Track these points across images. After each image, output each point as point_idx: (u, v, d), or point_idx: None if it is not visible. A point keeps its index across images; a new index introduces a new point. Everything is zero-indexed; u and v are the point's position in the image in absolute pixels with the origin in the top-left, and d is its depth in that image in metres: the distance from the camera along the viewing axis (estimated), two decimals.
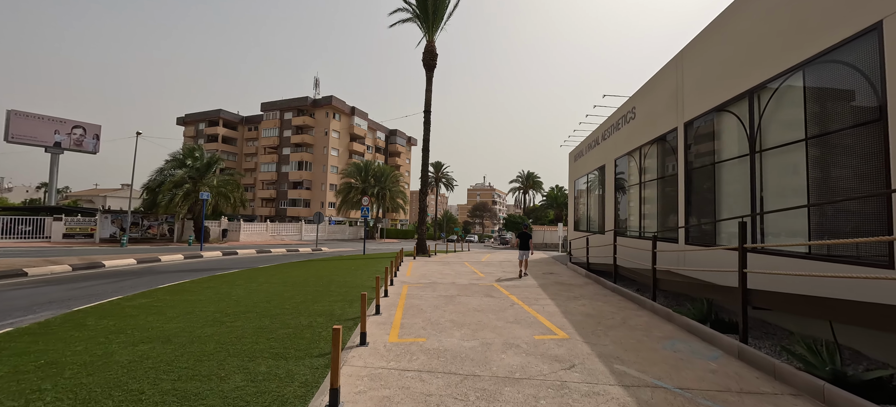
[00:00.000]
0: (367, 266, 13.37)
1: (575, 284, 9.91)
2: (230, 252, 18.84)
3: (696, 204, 7.89)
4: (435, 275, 11.26)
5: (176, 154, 26.19)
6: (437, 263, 14.94)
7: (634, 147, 10.99)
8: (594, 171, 15.31)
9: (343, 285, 8.88)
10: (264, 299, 7.09)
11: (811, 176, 4.92)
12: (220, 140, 65.45)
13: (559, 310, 6.69)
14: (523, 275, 11.59)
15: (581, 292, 8.57)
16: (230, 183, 28.17)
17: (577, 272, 12.12)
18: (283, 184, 60.46)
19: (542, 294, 8.28)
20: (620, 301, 7.59)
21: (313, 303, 6.86)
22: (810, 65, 5.04)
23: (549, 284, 9.83)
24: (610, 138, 13.51)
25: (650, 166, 10.20)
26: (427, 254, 19.57)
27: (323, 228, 43.09)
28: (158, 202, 24.56)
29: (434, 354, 4.30)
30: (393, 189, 49.48)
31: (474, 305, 7.03)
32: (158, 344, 4.47)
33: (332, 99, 58.03)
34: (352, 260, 16.16)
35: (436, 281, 10.01)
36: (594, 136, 15.51)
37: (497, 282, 10.01)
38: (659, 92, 9.62)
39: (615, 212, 12.69)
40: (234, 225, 31.11)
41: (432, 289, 8.71)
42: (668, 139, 9.00)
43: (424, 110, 20.36)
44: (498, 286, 9.23)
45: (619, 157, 12.39)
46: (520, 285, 9.48)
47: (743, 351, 4.18)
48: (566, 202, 62.46)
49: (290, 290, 8.17)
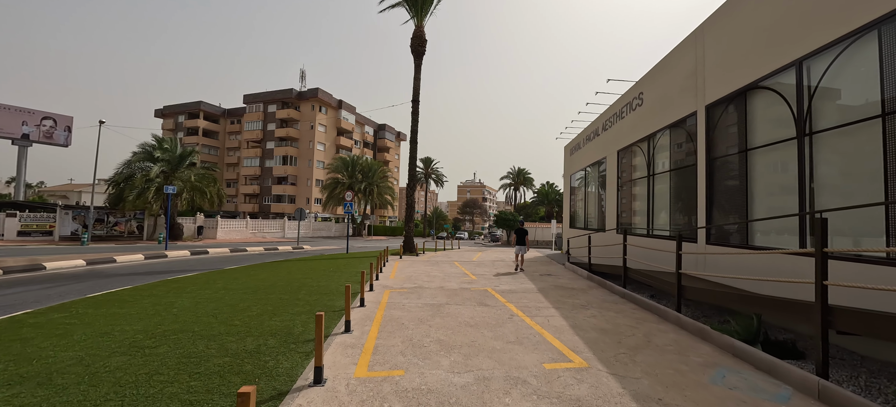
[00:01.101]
0: (347, 267, 12.14)
1: (577, 287, 8.87)
2: (200, 251, 17.35)
3: (721, 198, 6.88)
4: (421, 277, 10.11)
5: (145, 145, 24.35)
6: (424, 263, 13.79)
7: (642, 136, 9.98)
8: (593, 165, 14.31)
9: (314, 291, 7.65)
10: (211, 312, 5.84)
11: (894, 161, 3.90)
12: (201, 133, 62.90)
13: (567, 323, 5.60)
14: (519, 270, 12.12)
15: (587, 299, 7.52)
16: (206, 177, 26.46)
17: (578, 274, 11.11)
18: (267, 179, 58.40)
19: (543, 301, 7.20)
20: (636, 311, 6.55)
21: (271, 317, 5.63)
22: (889, 22, 4.01)
23: (548, 288, 8.77)
24: (612, 129, 12.50)
25: (661, 157, 9.20)
26: (415, 252, 18.40)
27: (307, 225, 41.51)
28: (125, 197, 22.79)
29: (413, 399, 3.15)
30: (381, 185, 48.04)
31: (466, 316, 5.90)
32: (30, 387, 3.21)
33: (318, 91, 56.13)
34: (332, 260, 14.89)
35: (422, 285, 8.86)
36: (593, 127, 14.50)
37: (491, 286, 8.90)
38: (673, 73, 8.60)
39: (618, 208, 11.70)
40: (211, 222, 29.38)
41: (417, 295, 7.56)
42: (686, 125, 7.99)
43: (412, 100, 19.12)
44: (493, 292, 8.12)
45: (623, 149, 11.39)
46: (517, 290, 8.39)
47: (826, 391, 3.13)
48: (557, 199, 61.93)
49: (249, 298, 6.92)
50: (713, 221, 6.97)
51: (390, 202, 50.66)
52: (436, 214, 72.11)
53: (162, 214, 25.69)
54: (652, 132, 9.45)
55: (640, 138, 10.10)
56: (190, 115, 63.77)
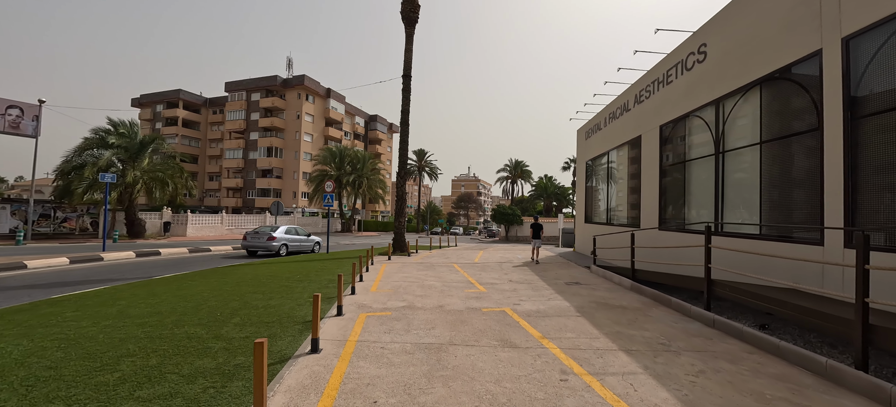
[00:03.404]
0: (320, 273, 9.60)
1: (628, 305, 6.44)
2: (150, 252, 14.62)
3: (875, 179, 4.48)
4: (413, 288, 7.62)
5: (98, 130, 21.35)
6: (417, 266, 11.29)
7: (705, 102, 7.55)
8: (621, 146, 11.88)
9: (250, 321, 5.12)
10: (43, 370, 3.27)
11: None
12: (181, 123, 59.38)
13: (671, 396, 3.15)
14: (536, 262, 12.50)
15: (660, 330, 5.08)
16: (171, 167, 23.53)
17: (615, 282, 8.71)
18: (250, 172, 55.24)
19: (596, 335, 4.76)
20: (758, 358, 4.12)
21: (143, 384, 3.09)
22: None
23: (589, 306, 6.33)
24: (650, 100, 10.06)
25: (740, 127, 6.77)
26: (406, 251, 15.88)
27: (292, 221, 38.72)
28: (73, 190, 19.88)
29: None
30: (371, 177, 45.32)
31: (487, 376, 3.42)
32: None
33: (305, 78, 52.93)
34: (305, 262, 12.31)
35: (412, 303, 6.37)
36: (621, 101, 12.05)
37: (510, 305, 6.43)
38: (767, 5, 6.14)
39: (662, 199, 9.30)
40: (180, 217, 26.50)
41: (405, 325, 5.07)
42: (792, 75, 5.55)
43: (403, 74, 16.49)
44: (516, 316, 5.65)
45: (670, 122, 8.96)
46: (548, 311, 5.94)
47: None
48: (556, 192, 59.81)
49: (135, 340, 4.35)
50: (858, 212, 4.56)
51: (382, 196, 48.02)
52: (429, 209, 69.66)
53: (121, 208, 22.79)
54: (723, 94, 7.01)
55: (702, 105, 7.67)
56: (169, 105, 60.13)
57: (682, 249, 7.28)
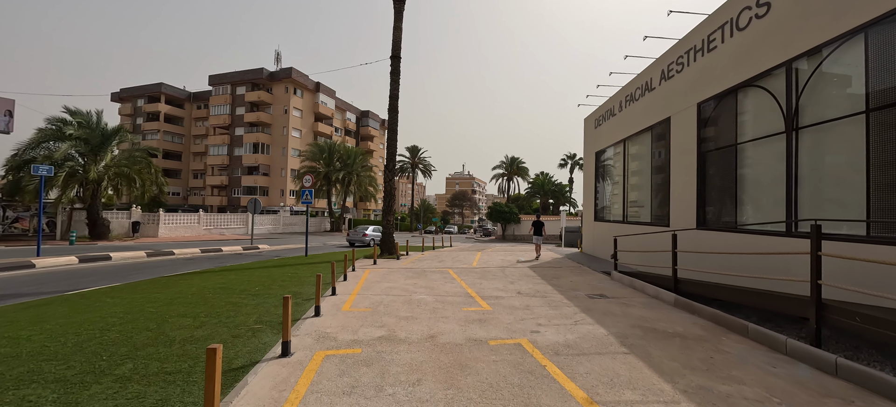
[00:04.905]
0: (288, 282, 7.84)
1: (690, 333, 4.79)
2: (99, 257, 12.70)
3: None
4: (397, 305, 5.91)
5: (54, 120, 19.23)
6: (405, 273, 9.57)
7: (772, 65, 5.91)
8: (643, 132, 10.26)
9: (142, 374, 3.39)
10: None
11: None
12: (163, 118, 56.89)
13: None
14: (536, 259, 12.73)
15: (766, 382, 3.43)
16: (138, 161, 21.46)
17: (649, 294, 7.07)
18: (236, 169, 52.96)
19: (672, 394, 3.09)
20: None
21: None
22: None
23: (634, 333, 4.67)
24: (684, 73, 8.43)
25: (832, 93, 5.15)
26: (395, 253, 14.15)
27: (278, 220, 36.77)
28: (24, 187, 17.82)
29: None
30: (362, 174, 43.44)
31: None
32: None
33: (293, 71, 50.73)
34: (276, 268, 10.53)
35: (393, 331, 4.65)
36: (643, 79, 10.42)
37: (526, 334, 4.74)
38: None
39: (702, 191, 7.68)
40: (150, 217, 24.42)
41: (378, 375, 3.37)
42: None
43: (392, 55, 14.73)
44: (539, 356, 3.97)
45: (711, 98, 7.34)
46: (581, 347, 4.26)
47: None
48: (553, 189, 58.35)
49: None
50: None
51: (373, 194, 46.14)
52: (423, 207, 67.89)
53: (81, 207, 20.73)
54: (802, 51, 5.38)
55: (763, 71, 6.05)
56: (150, 99, 57.57)
57: (731, 256, 5.65)
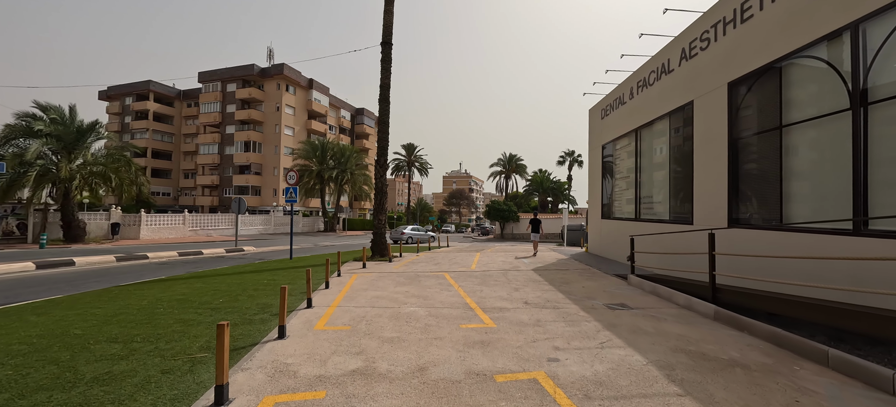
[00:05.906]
0: (260, 292, 6.78)
1: (754, 362, 3.78)
2: (61, 262, 11.57)
3: None
4: (382, 321, 4.88)
5: (23, 116, 17.97)
6: (396, 278, 8.53)
7: (831, 30, 4.87)
8: (660, 119, 9.27)
9: None
10: None
11: None
12: (152, 117, 55.48)
13: None
14: (534, 256, 12.79)
15: None
16: (116, 160, 20.25)
17: (678, 304, 6.07)
18: (227, 168, 51.69)
19: None
20: None
21: None
22: None
23: (680, 363, 3.66)
24: (711, 49, 7.43)
25: None
26: (387, 255, 13.11)
27: (269, 220, 35.63)
28: None
29: None
30: (357, 173, 42.35)
31: None
32: None
33: (285, 68, 49.48)
34: (248, 275, 9.46)
35: (373, 361, 3.62)
36: (658, 61, 9.42)
37: (543, 365, 3.73)
38: None
39: (735, 186, 6.69)
40: (131, 218, 23.23)
41: None
42: None
43: (382, 42, 13.66)
44: (566, 400, 2.94)
45: (748, 75, 6.34)
46: (621, 385, 3.23)
47: None
48: (552, 187, 57.48)
49: None
50: None
51: (368, 193, 45.00)
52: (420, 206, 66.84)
53: (57, 208, 19.53)
54: (865, 15, 4.39)
55: (820, 38, 5.04)
56: (138, 97, 56.11)
57: (774, 260, 4.65)
